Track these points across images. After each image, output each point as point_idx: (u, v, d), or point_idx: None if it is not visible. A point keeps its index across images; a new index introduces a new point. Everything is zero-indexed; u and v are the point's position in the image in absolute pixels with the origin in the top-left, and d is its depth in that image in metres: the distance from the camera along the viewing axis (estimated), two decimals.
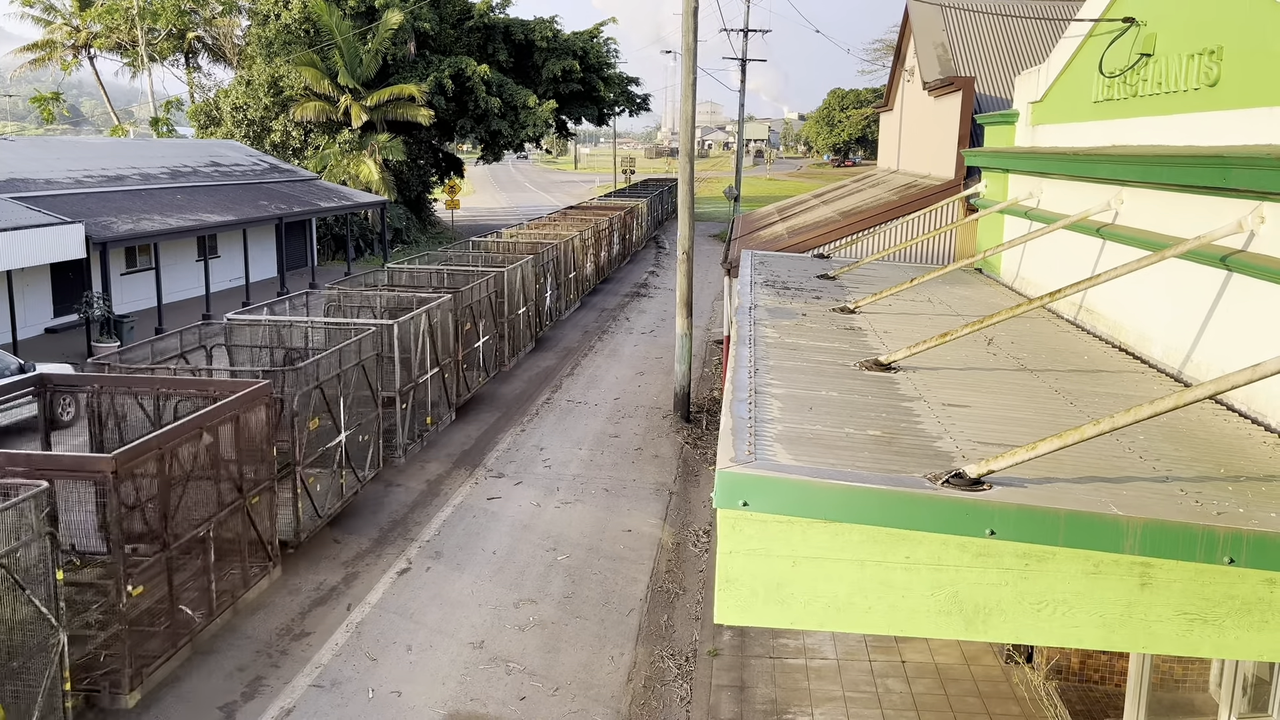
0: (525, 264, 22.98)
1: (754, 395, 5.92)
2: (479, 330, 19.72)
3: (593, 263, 32.92)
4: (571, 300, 29.76)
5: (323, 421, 12.85)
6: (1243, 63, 6.67)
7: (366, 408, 14.20)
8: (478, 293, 19.72)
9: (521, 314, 22.99)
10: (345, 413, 13.44)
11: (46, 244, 21.79)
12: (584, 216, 36.69)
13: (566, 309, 29.12)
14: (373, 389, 14.41)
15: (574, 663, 10.43)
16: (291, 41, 43.93)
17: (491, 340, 20.61)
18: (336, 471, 13.32)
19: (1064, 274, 9.51)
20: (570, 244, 28.69)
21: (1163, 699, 8.10)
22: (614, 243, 37.51)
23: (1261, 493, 4.72)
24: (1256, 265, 5.95)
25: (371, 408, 14.37)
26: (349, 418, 13.57)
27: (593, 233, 32.56)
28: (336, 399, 13.20)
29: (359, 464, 14.09)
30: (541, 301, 25.40)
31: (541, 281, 25.34)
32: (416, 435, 16.81)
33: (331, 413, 13.09)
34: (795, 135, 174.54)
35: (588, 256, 31.80)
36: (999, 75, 20.05)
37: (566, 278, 28.51)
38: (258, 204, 31.76)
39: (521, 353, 23.51)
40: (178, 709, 9.42)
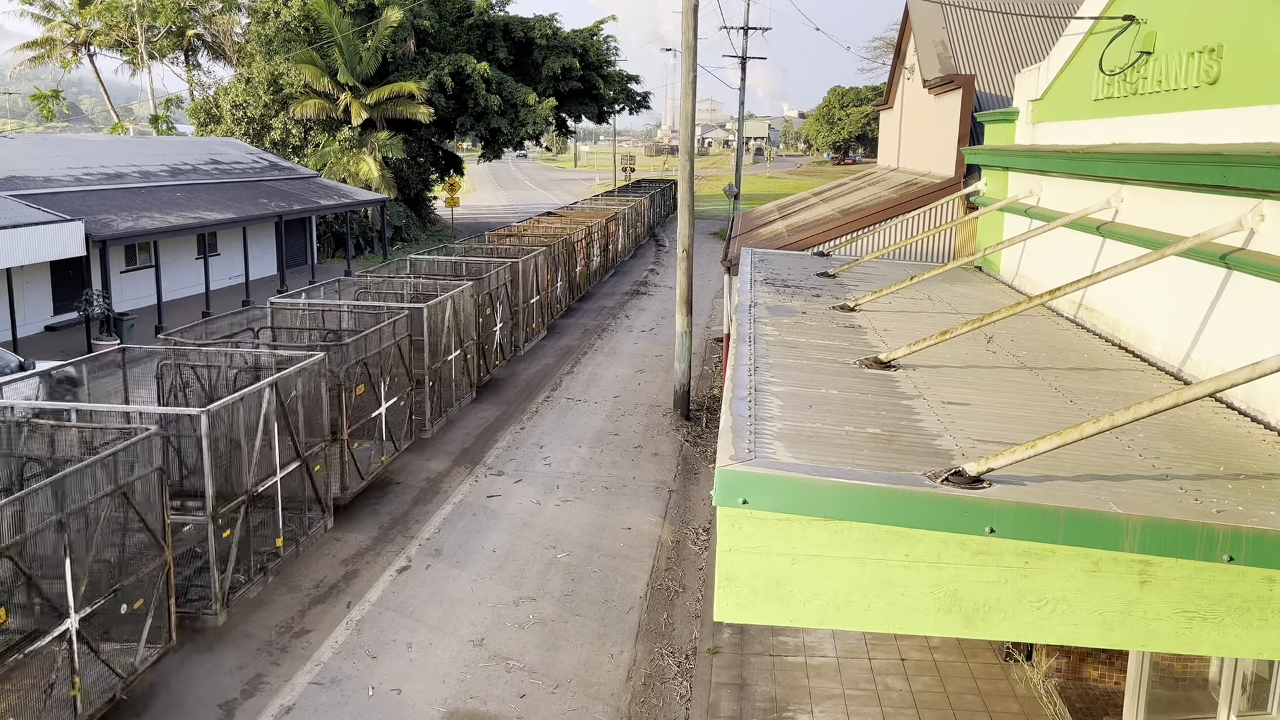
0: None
1: (754, 393, 5.92)
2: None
3: (565, 281, 28.68)
4: None
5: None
6: (1243, 61, 6.67)
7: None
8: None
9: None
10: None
11: (46, 242, 21.79)
12: (553, 230, 31.54)
13: None
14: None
15: (574, 660, 10.43)
16: (291, 39, 43.91)
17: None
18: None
19: (1064, 272, 9.51)
20: (532, 264, 24.05)
21: (1162, 697, 8.10)
22: (592, 255, 33.93)
23: (1261, 491, 4.72)
24: (1256, 263, 5.95)
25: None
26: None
27: (563, 249, 28.23)
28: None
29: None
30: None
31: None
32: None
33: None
34: (795, 133, 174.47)
35: (548, 282, 26.36)
36: (999, 73, 20.04)
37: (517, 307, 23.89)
38: (257, 202, 31.75)
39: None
40: (179, 707, 9.43)
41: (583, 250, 31.70)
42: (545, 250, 25.46)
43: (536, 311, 24.49)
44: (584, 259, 31.88)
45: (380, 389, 14.74)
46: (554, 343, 26.00)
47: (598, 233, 34.97)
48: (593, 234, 34.04)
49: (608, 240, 37.47)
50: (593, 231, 34.05)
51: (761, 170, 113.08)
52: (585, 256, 32.24)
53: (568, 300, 29.22)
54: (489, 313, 20.01)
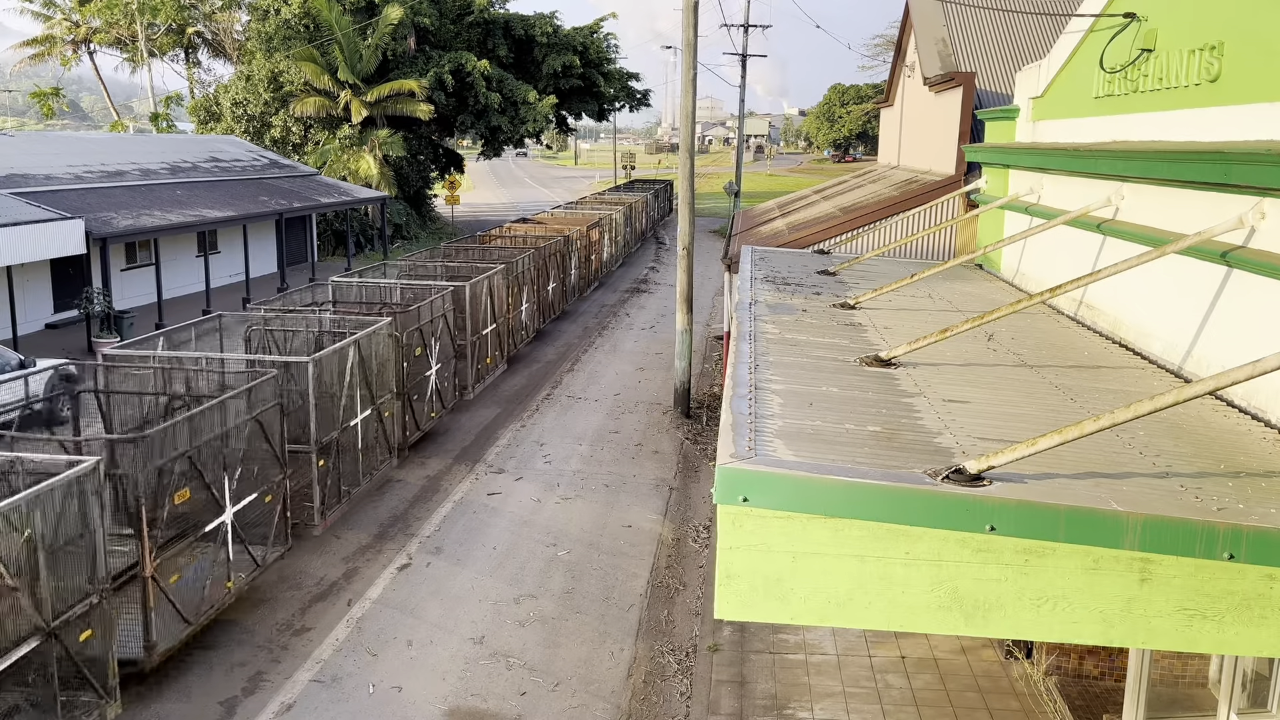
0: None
1: (754, 391, 5.92)
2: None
3: (534, 302, 24.88)
4: None
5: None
6: (1244, 58, 6.67)
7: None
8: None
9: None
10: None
11: (46, 239, 21.79)
12: (529, 237, 28.58)
13: None
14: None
15: (574, 658, 10.44)
16: (291, 37, 43.89)
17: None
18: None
19: (1064, 270, 9.51)
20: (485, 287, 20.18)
21: (1162, 694, 8.11)
22: (568, 269, 29.35)
23: (1261, 488, 4.72)
24: (1257, 261, 5.95)
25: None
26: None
27: (534, 261, 24.69)
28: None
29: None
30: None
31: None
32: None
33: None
34: (796, 131, 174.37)
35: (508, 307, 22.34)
36: (1000, 71, 20.03)
37: None
38: (258, 199, 31.75)
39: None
40: (179, 705, 9.44)
41: (556, 264, 27.65)
42: (505, 269, 21.69)
43: (492, 343, 20.87)
44: (558, 274, 27.85)
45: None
46: (548, 344, 25.98)
47: (578, 242, 31.05)
48: (572, 244, 29.86)
49: (590, 250, 33.31)
50: (572, 241, 30.01)
51: (762, 168, 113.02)
52: (560, 270, 28.15)
53: (536, 323, 25.47)
54: (420, 353, 16.61)
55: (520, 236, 29.00)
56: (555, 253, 27.37)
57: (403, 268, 22.35)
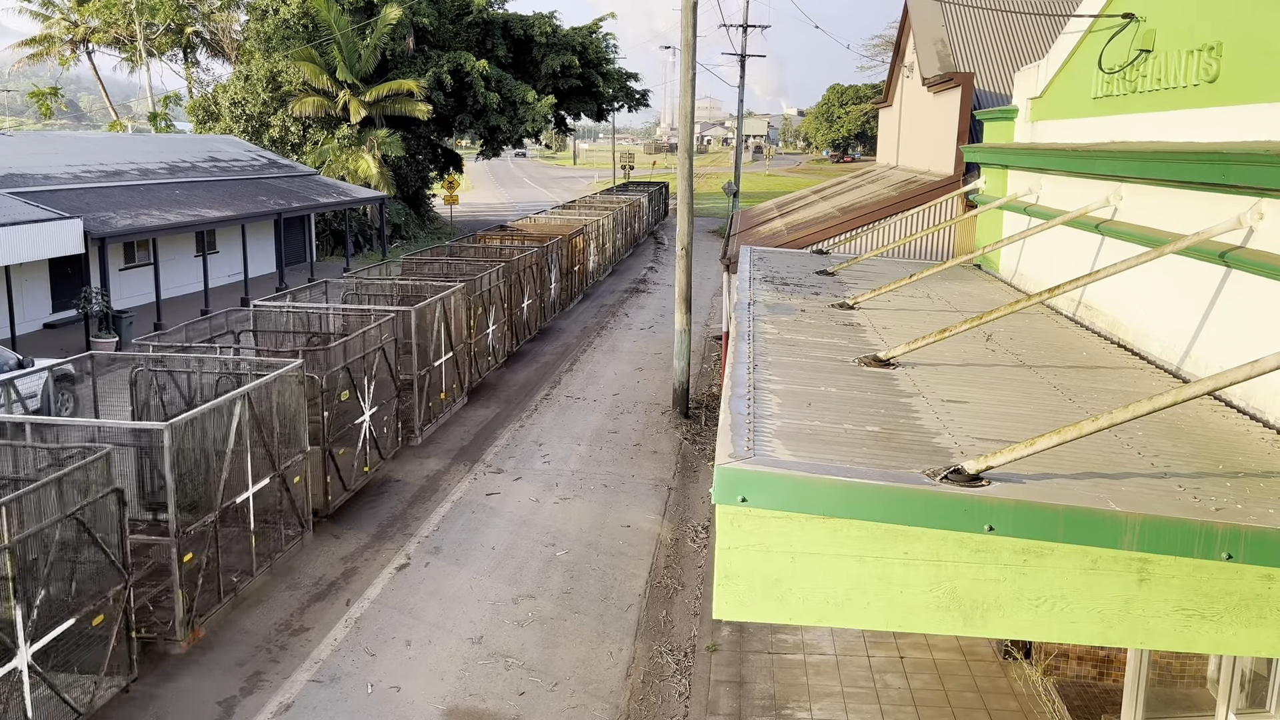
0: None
1: (753, 391, 5.92)
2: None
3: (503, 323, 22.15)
4: None
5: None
6: (1242, 59, 6.67)
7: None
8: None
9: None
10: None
11: (45, 239, 21.77)
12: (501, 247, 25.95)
13: None
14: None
15: (573, 658, 10.44)
16: (290, 36, 43.87)
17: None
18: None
19: (1063, 270, 9.51)
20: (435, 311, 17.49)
21: (1160, 694, 8.11)
22: (547, 283, 26.82)
23: (1260, 488, 4.72)
24: (1255, 261, 5.95)
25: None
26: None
27: (503, 279, 22.01)
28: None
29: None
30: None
31: None
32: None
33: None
34: (794, 131, 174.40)
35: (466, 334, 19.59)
36: (998, 71, 20.04)
37: None
38: (256, 199, 31.73)
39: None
40: (177, 704, 9.44)
41: (533, 278, 24.93)
42: (465, 288, 19.04)
43: (449, 373, 18.26)
44: (534, 289, 25.16)
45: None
46: (547, 343, 25.97)
47: (558, 253, 28.12)
48: (550, 255, 27.05)
49: (573, 260, 30.44)
50: (550, 252, 27.11)
51: (761, 168, 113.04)
52: (537, 284, 25.47)
53: (508, 345, 22.83)
54: (346, 396, 13.90)
55: (495, 247, 26.08)
56: (531, 265, 24.65)
57: (348, 287, 19.48)
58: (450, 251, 25.57)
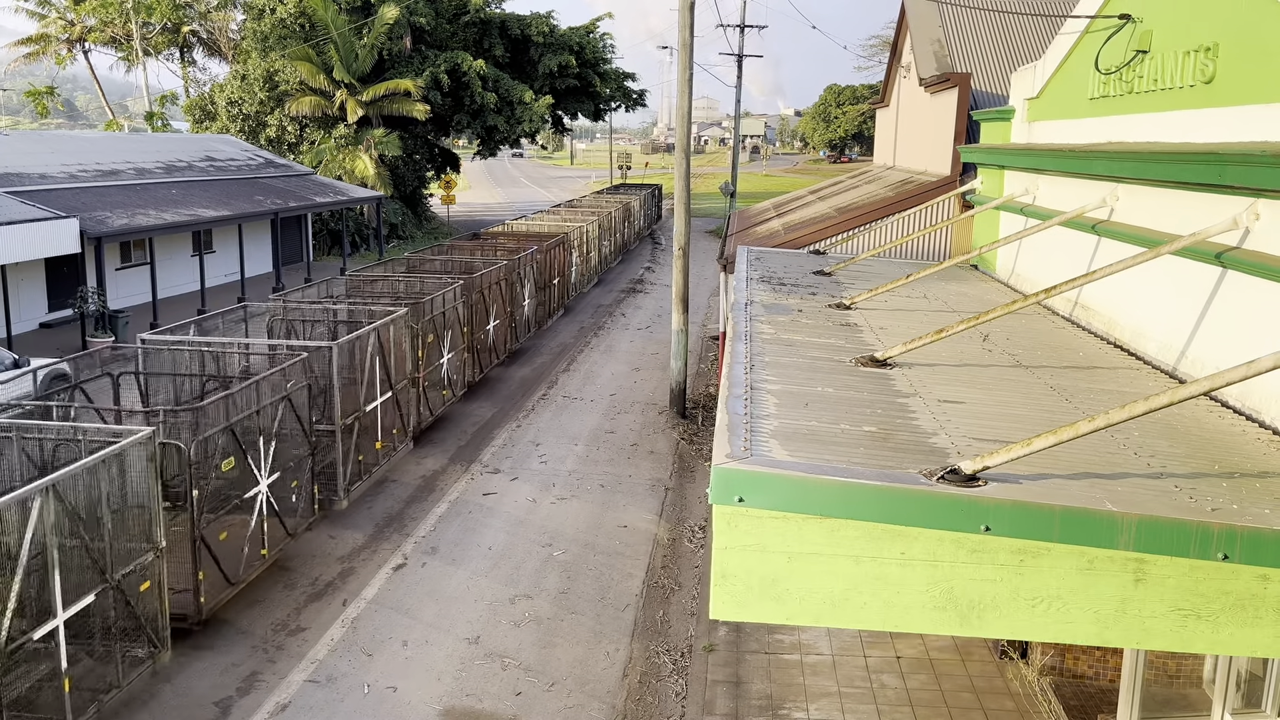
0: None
1: (750, 391, 5.92)
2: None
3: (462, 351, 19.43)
4: None
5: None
6: (1239, 60, 6.68)
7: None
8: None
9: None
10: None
11: (41, 239, 21.74)
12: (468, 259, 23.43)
13: None
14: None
15: (570, 658, 10.44)
16: (287, 36, 43.83)
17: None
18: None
19: (1060, 270, 9.52)
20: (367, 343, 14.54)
21: (1156, 694, 8.12)
22: (519, 299, 23.93)
23: (1256, 489, 4.73)
24: (1251, 262, 5.96)
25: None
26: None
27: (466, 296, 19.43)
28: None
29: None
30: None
31: None
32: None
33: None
34: (791, 131, 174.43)
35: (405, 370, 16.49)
36: (995, 72, 20.06)
37: None
38: (253, 199, 31.70)
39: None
40: (174, 704, 9.42)
41: (500, 296, 21.95)
42: (411, 311, 16.40)
43: (387, 416, 15.50)
44: (502, 309, 22.10)
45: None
46: (545, 343, 25.96)
47: (530, 266, 24.83)
48: (521, 270, 23.83)
49: (552, 273, 27.41)
50: (522, 266, 23.99)
51: (758, 168, 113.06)
52: (506, 303, 22.39)
53: (471, 374, 20.13)
54: (230, 465, 11.21)
55: (461, 261, 23.23)
56: (497, 281, 21.71)
57: (274, 311, 16.76)
58: (409, 266, 22.82)
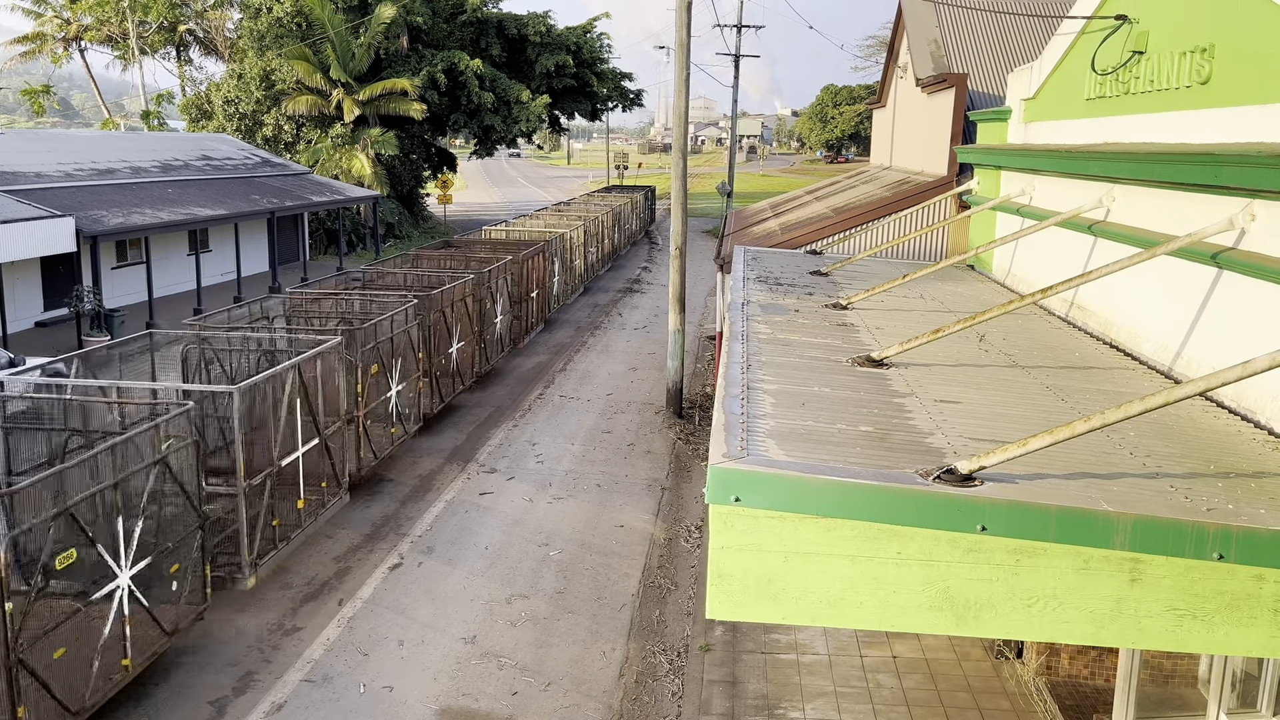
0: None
1: (746, 391, 5.92)
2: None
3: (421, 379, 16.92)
4: None
5: None
6: (1234, 61, 6.69)
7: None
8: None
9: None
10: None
11: (36, 237, 21.69)
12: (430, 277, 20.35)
13: None
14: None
15: (566, 658, 10.43)
16: (283, 35, 43.79)
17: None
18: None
19: (1056, 271, 9.54)
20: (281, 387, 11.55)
21: (1152, 694, 8.14)
22: (493, 315, 21.22)
23: (1251, 489, 4.74)
24: (1247, 262, 5.97)
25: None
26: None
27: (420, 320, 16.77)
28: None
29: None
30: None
31: None
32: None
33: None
34: (788, 131, 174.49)
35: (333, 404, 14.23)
36: (992, 72, 20.07)
37: None
38: (249, 198, 31.65)
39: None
40: (170, 703, 9.41)
41: (465, 314, 19.36)
42: (348, 338, 14.10)
43: (311, 468, 12.88)
44: (468, 330, 19.55)
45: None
46: (543, 343, 25.95)
47: (503, 279, 22.00)
48: (491, 283, 20.87)
49: (529, 285, 24.84)
50: (492, 279, 21.05)
51: (755, 168, 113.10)
52: (472, 322, 19.81)
53: (429, 405, 17.45)
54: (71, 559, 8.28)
55: (424, 274, 20.51)
56: (463, 298, 19.17)
57: (187, 341, 14.20)
58: (365, 281, 20.20)
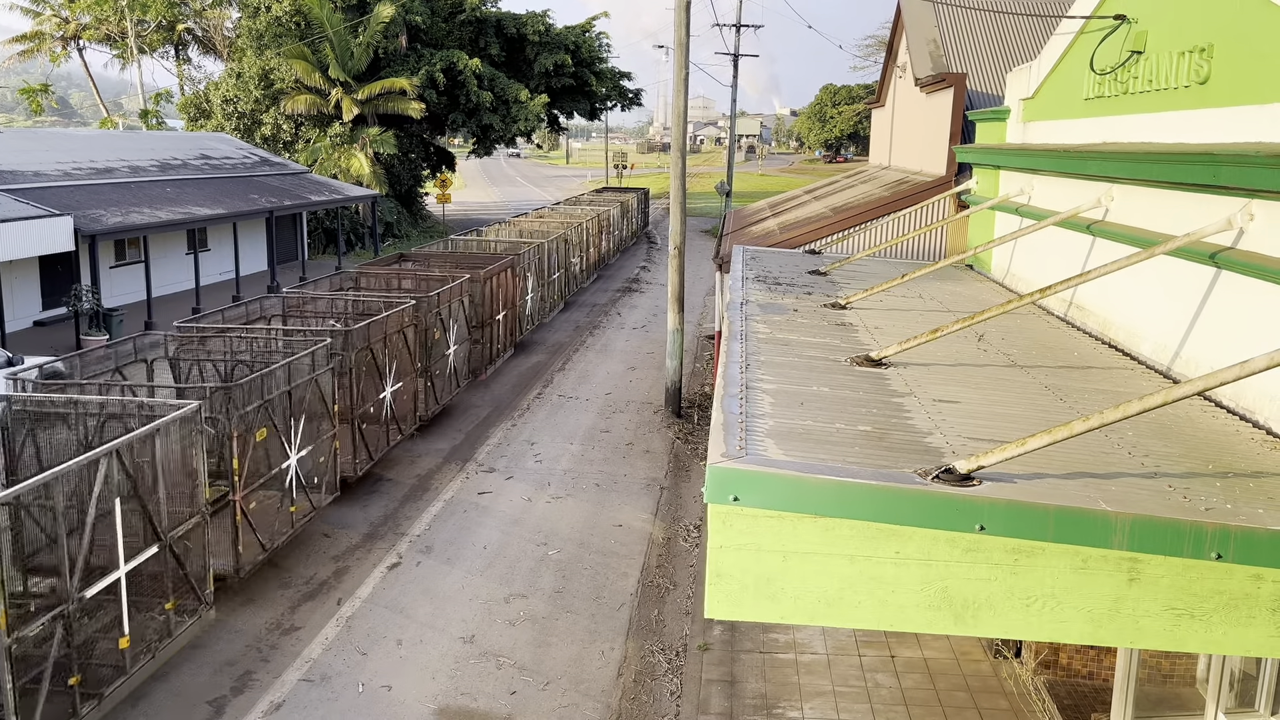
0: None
1: (745, 390, 5.92)
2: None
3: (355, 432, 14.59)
4: None
5: None
6: (1233, 61, 6.70)
7: None
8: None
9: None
10: None
11: (35, 236, 21.67)
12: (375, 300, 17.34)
13: None
14: None
15: (564, 657, 10.43)
16: (282, 34, 43.77)
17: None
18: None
19: (1054, 270, 9.54)
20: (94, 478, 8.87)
21: (1150, 693, 8.14)
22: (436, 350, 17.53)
23: (1249, 488, 4.74)
24: (1245, 262, 5.97)
25: None
26: None
27: None
28: None
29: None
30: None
31: None
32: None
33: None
34: (787, 131, 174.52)
35: None
36: (991, 72, 20.07)
37: None
38: (248, 197, 31.63)
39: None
40: (168, 703, 9.41)
41: (405, 349, 16.24)
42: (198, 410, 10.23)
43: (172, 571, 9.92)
44: (411, 365, 16.49)
45: None
46: (541, 343, 25.94)
47: (459, 301, 18.68)
48: (443, 310, 17.70)
49: (494, 308, 21.30)
50: (451, 297, 18.05)
51: (753, 168, 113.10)
52: (418, 357, 16.81)
53: (355, 463, 14.64)
54: None
55: (357, 301, 17.26)
56: (401, 329, 16.01)
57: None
58: (285, 310, 16.63)
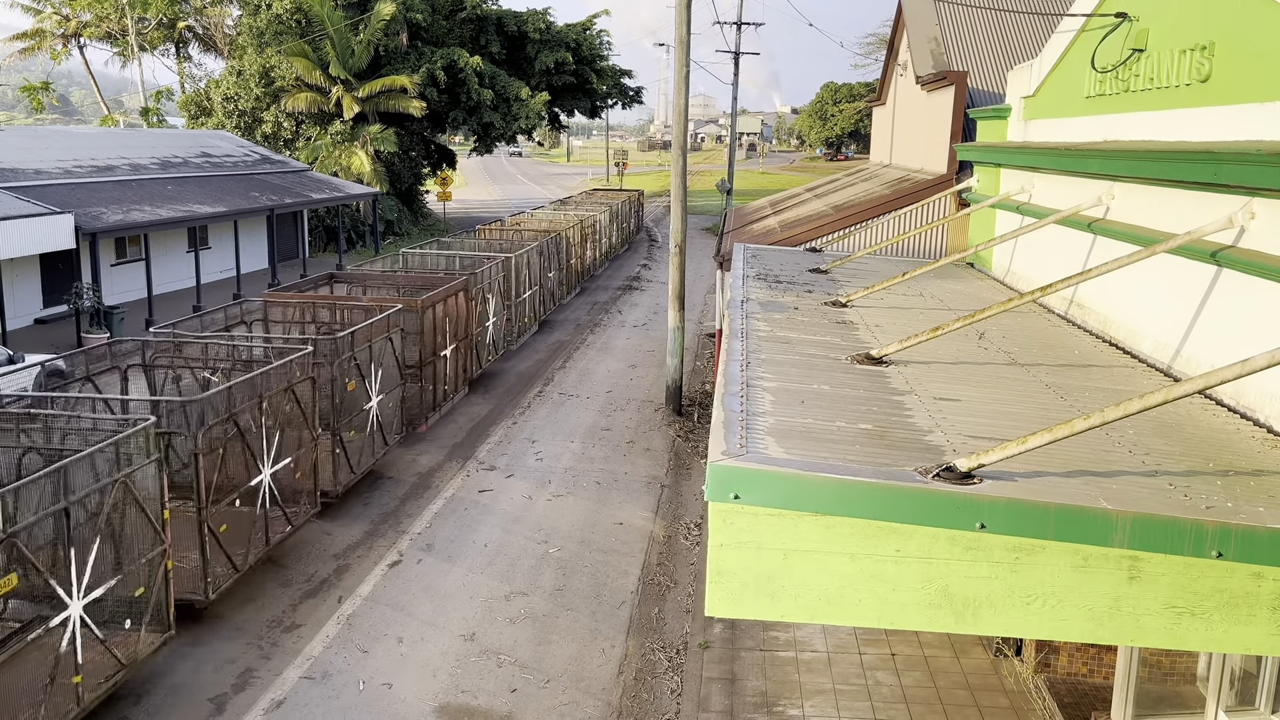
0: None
1: (746, 388, 5.92)
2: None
3: None
4: None
5: None
6: (1234, 59, 6.69)
7: None
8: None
9: None
10: None
11: (36, 234, 21.68)
12: None
13: None
14: None
15: (565, 655, 10.44)
16: (283, 32, 43.74)
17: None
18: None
19: (1055, 269, 9.54)
20: None
21: (1150, 691, 8.15)
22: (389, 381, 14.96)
23: (1250, 487, 4.74)
24: (1246, 261, 5.97)
25: None
26: None
27: None
28: None
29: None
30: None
31: None
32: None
33: None
34: (788, 129, 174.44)
35: None
36: (992, 70, 20.06)
37: None
38: (249, 195, 31.63)
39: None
40: (168, 701, 9.41)
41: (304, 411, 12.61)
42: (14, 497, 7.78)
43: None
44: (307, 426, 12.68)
45: None
46: (540, 342, 25.95)
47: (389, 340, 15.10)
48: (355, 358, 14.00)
49: (444, 338, 17.91)
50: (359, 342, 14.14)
51: (754, 166, 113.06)
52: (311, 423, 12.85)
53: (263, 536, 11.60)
54: None
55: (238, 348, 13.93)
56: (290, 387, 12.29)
57: None
58: (156, 351, 13.88)
